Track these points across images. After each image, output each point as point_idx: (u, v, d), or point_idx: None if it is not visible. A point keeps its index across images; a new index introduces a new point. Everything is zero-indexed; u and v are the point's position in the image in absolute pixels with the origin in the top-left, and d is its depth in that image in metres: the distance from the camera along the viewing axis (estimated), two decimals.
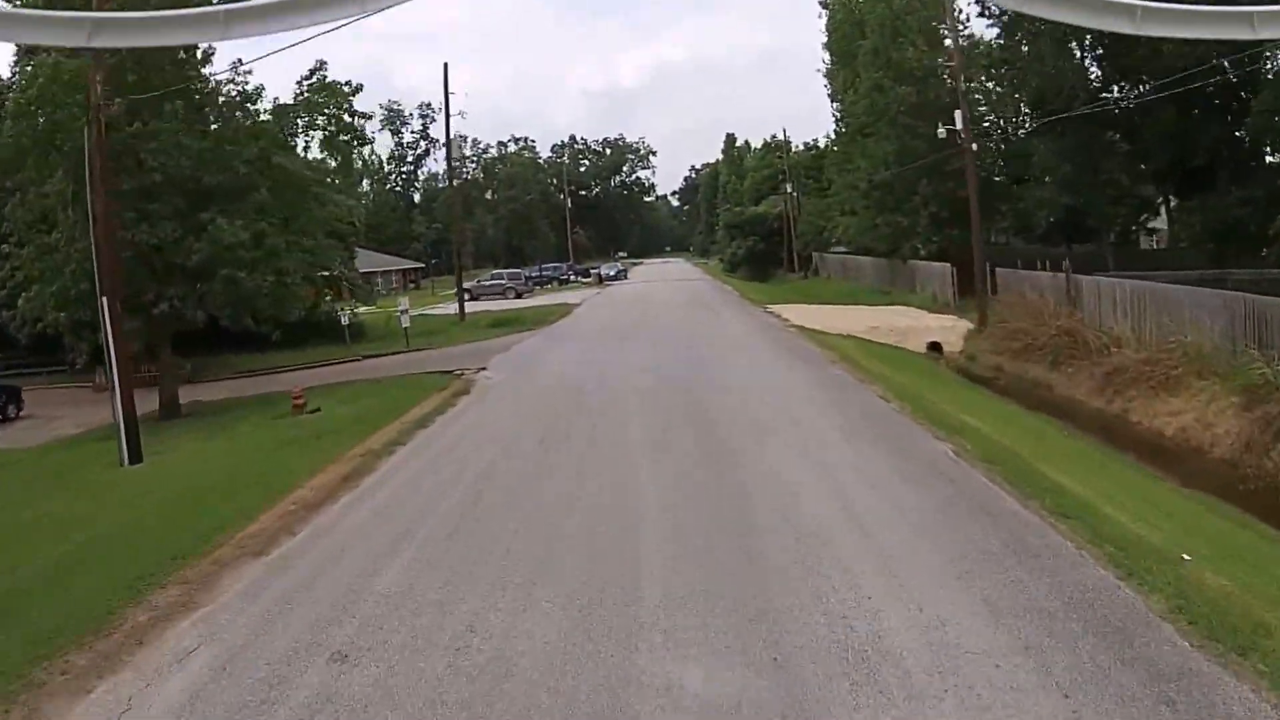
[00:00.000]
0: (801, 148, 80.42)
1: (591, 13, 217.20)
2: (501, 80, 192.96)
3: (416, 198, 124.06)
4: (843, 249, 65.28)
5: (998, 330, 29.65)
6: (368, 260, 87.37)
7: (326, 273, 39.15)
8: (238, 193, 23.49)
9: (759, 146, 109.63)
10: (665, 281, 69.69)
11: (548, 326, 36.32)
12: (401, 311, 34.22)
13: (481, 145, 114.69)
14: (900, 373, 20.82)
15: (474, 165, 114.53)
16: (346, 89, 25.16)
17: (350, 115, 24.99)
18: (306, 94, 24.88)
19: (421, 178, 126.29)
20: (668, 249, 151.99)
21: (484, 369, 24.28)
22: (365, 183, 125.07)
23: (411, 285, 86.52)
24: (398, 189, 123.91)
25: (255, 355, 36.99)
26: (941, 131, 32.86)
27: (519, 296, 59.25)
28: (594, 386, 19.55)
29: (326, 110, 24.87)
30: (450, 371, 24.55)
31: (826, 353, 23.31)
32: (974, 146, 31.75)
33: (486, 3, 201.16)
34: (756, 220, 70.48)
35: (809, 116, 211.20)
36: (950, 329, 31.53)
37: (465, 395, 19.95)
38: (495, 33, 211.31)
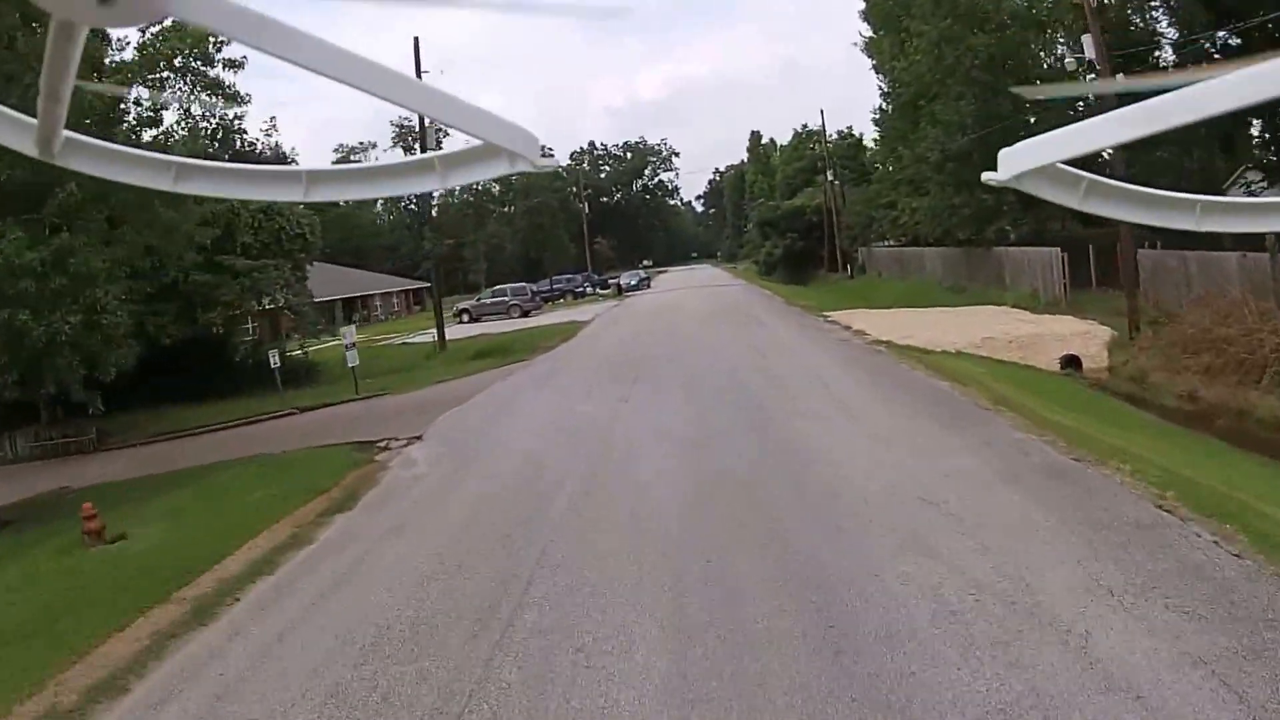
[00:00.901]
0: (835, 136, 71.06)
1: (613, 31, 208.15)
2: (525, 103, 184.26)
3: (434, 213, 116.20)
4: (889, 242, 55.98)
5: (1165, 338, 20.46)
6: (371, 281, 79.53)
7: (265, 300, 30.95)
8: (34, 192, 14.96)
9: (786, 143, 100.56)
10: (694, 289, 60.44)
11: (542, 355, 27.40)
12: (348, 347, 25.51)
13: None
14: (1113, 429, 11.70)
15: None
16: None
17: (208, 64, 16.32)
18: (149, 42, 16.30)
19: (436, 194, 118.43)
20: (694, 255, 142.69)
21: (418, 439, 15.52)
22: (379, 203, 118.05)
23: (417, 306, 78.53)
24: (412, 207, 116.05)
25: (184, 408, 28.84)
26: (1069, 60, 23.85)
27: (525, 315, 50.48)
28: (574, 495, 10.51)
29: (177, 62, 16.24)
30: (372, 443, 15.88)
31: (959, 388, 14.27)
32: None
33: (511, 27, 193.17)
34: (794, 214, 61.12)
35: (834, 113, 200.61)
36: (1086, 336, 22.35)
37: (345, 513, 11.16)
38: (520, 56, 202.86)
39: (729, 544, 8.14)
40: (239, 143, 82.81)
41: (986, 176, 1.49)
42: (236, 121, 19.75)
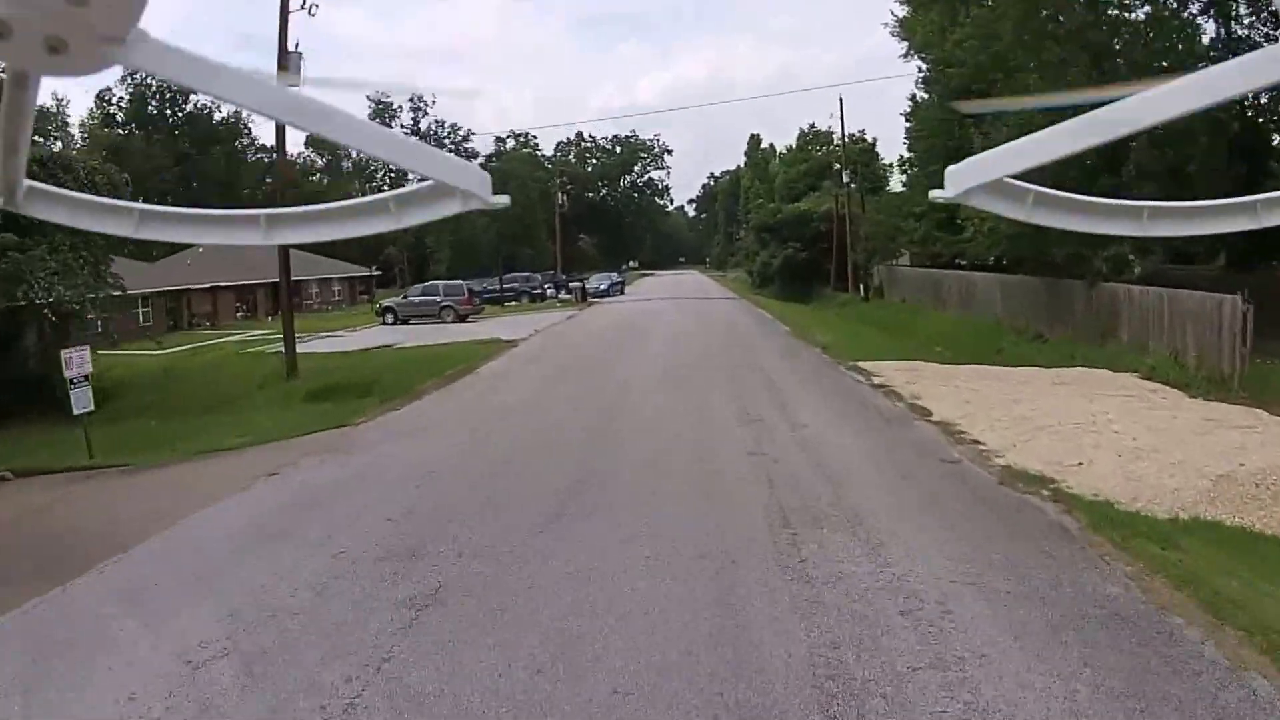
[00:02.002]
0: (847, 140, 59.86)
1: (613, 38, 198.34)
2: (524, 103, 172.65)
3: None
4: (901, 259, 45.18)
5: None
6: (310, 265, 67.99)
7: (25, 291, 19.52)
8: None
9: (786, 149, 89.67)
10: (675, 301, 48.97)
11: (384, 416, 15.80)
12: (73, 384, 14.13)
13: (462, 132, 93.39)
14: None
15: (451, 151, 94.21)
16: None
17: None
18: None
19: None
20: (682, 260, 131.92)
21: None
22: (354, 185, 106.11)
23: (364, 296, 67.31)
24: (386, 187, 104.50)
25: None
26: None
27: (461, 319, 39.15)
28: None
29: None
30: None
31: None
32: None
33: (512, 29, 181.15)
34: (798, 220, 50.01)
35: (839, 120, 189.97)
36: None
37: None
38: (520, 56, 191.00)
39: None
40: (191, 103, 68.98)
41: (934, 194, 1.47)
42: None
